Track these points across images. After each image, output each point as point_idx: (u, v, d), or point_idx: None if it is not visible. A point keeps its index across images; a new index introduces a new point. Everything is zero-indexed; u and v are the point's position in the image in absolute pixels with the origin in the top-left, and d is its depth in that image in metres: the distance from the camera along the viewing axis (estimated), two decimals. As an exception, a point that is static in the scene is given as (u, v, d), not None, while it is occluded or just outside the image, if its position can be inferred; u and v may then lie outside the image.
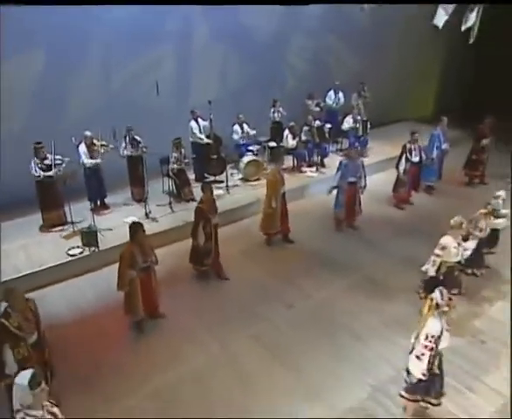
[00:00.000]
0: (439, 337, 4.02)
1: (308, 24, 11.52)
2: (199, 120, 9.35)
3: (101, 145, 8.15)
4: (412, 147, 8.87)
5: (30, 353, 4.15)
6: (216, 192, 8.24)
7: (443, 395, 4.38)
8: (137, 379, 5.11)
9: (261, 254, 7.73)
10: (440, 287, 4.11)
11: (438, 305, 4.03)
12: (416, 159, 8.91)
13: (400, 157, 8.96)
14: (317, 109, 11.00)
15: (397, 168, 9.03)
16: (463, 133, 11.74)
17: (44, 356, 4.36)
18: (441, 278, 5.81)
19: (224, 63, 10.69)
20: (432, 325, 4.03)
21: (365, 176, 8.22)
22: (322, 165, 10.52)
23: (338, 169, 8.07)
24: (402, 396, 4.44)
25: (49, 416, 3.14)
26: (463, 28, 6.20)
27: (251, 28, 10.72)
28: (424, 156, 9.07)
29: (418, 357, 4.11)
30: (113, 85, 9.24)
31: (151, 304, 5.83)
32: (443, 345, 4.12)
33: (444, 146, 9.45)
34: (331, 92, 11.61)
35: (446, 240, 5.76)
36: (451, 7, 5.88)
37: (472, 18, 6.09)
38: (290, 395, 4.85)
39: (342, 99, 11.65)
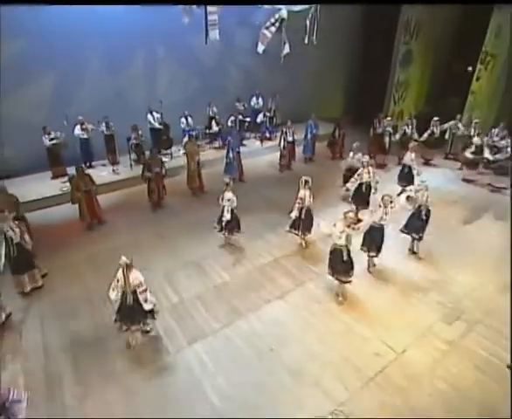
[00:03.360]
0: None
1: (241, 53, 12.72)
2: (154, 113, 11.12)
3: (88, 126, 10.21)
4: (287, 131, 10.71)
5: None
6: (163, 159, 10.43)
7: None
8: (80, 248, 7.39)
9: (182, 195, 9.70)
10: None
11: None
12: (290, 139, 10.77)
13: (280, 138, 10.86)
14: (242, 108, 12.69)
15: (279, 145, 11.01)
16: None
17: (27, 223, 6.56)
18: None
19: (179, 77, 12.25)
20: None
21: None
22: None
23: (227, 146, 9.81)
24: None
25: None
26: (281, 55, 7.72)
27: (198, 55, 12.21)
28: (296, 137, 10.93)
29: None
30: (99, 90, 10.80)
31: (94, 213, 8.09)
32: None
33: (314, 131, 11.25)
34: (254, 97, 13.23)
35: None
36: (267, 40, 7.42)
37: (286, 48, 7.86)
38: (162, 253, 7.15)
39: (261, 102, 13.22)
